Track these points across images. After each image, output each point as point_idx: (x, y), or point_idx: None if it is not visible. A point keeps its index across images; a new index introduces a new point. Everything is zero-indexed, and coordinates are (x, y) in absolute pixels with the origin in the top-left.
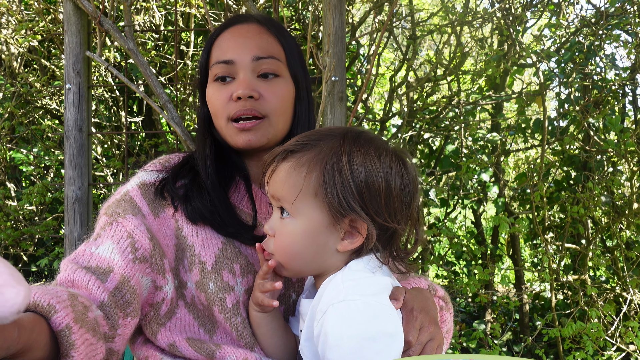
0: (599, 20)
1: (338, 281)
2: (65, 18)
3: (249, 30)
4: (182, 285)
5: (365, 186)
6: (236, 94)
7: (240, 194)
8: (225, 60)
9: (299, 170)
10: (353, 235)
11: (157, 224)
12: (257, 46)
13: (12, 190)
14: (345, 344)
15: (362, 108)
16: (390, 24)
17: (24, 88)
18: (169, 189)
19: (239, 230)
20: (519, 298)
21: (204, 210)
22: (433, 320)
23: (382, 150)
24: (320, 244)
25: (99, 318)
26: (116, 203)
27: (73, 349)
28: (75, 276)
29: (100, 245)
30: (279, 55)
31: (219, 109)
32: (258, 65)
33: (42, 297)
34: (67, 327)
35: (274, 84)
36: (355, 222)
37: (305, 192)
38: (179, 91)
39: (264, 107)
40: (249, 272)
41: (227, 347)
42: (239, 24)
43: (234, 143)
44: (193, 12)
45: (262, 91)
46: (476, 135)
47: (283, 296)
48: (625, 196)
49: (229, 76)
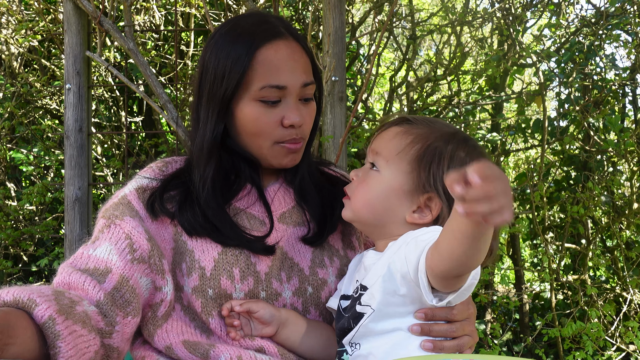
0: (599, 20)
1: (409, 232)
2: (65, 18)
3: (295, 52)
4: (178, 288)
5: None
6: (290, 122)
7: (250, 198)
8: (279, 85)
9: (406, 137)
10: (425, 211)
11: (155, 227)
12: (304, 71)
13: (12, 190)
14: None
15: (362, 108)
16: (390, 24)
17: (24, 88)
18: (159, 204)
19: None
20: (519, 298)
21: (196, 225)
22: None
23: (484, 155)
24: (393, 206)
25: (91, 313)
26: (114, 206)
27: (59, 340)
28: (71, 279)
29: (98, 248)
30: (314, 80)
31: (263, 131)
32: (304, 91)
33: (22, 293)
34: (50, 319)
35: (311, 107)
36: (432, 201)
37: (402, 155)
38: (179, 91)
39: (305, 131)
40: (249, 274)
41: (221, 346)
42: (281, 40)
43: (277, 163)
44: (193, 12)
45: (305, 116)
46: (476, 135)
47: (298, 290)
48: (625, 196)
49: (279, 99)
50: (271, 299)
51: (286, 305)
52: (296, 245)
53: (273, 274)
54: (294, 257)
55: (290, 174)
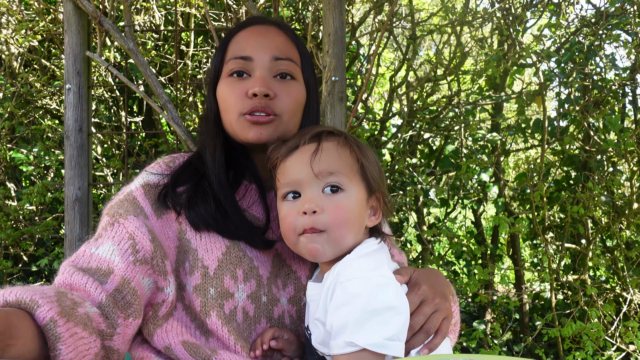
0: (599, 20)
1: (346, 262)
2: (65, 18)
3: (268, 31)
4: (181, 287)
5: (380, 168)
6: (252, 90)
7: (251, 198)
8: (242, 56)
9: (344, 149)
10: (376, 211)
11: (159, 225)
12: (277, 47)
13: (12, 190)
14: (351, 317)
15: (362, 108)
16: (390, 24)
17: (24, 88)
18: (171, 196)
19: (249, 233)
20: (519, 298)
21: (207, 217)
22: (440, 294)
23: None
24: (362, 218)
25: (92, 314)
26: (119, 203)
27: (60, 342)
28: (72, 279)
29: (100, 246)
30: (296, 59)
31: (231, 104)
32: (276, 65)
33: (24, 293)
34: (51, 321)
35: (290, 85)
36: (377, 199)
37: (354, 167)
38: (179, 91)
39: (278, 107)
40: (252, 277)
41: (224, 353)
42: (258, 25)
43: (244, 137)
44: (193, 12)
45: (277, 91)
46: (476, 135)
47: (293, 298)
48: (625, 196)
49: (245, 72)
50: (271, 304)
51: (284, 312)
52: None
53: (272, 279)
54: (292, 265)
55: None
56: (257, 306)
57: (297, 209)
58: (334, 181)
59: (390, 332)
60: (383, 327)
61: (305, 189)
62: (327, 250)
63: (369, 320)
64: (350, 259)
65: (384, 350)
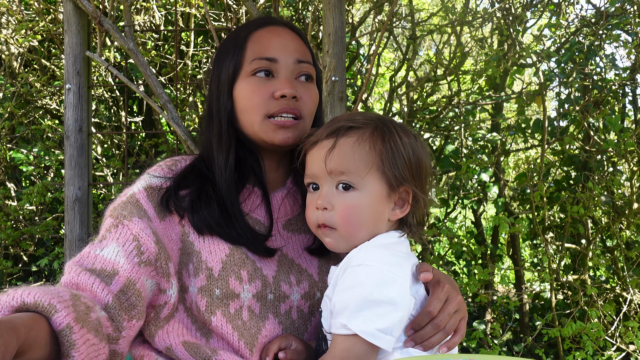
0: (599, 20)
1: (362, 247)
2: (65, 18)
3: (287, 33)
4: (183, 289)
5: (415, 160)
6: (280, 92)
7: (254, 201)
8: (268, 57)
9: (363, 145)
10: (403, 204)
11: (162, 227)
12: (297, 49)
13: (12, 190)
14: (352, 302)
15: (362, 108)
16: (390, 24)
17: (24, 88)
18: (173, 200)
19: (251, 240)
20: (519, 298)
21: (211, 221)
22: (459, 293)
23: (412, 131)
24: (379, 213)
25: (102, 319)
26: (122, 205)
27: (74, 349)
28: (79, 279)
29: (105, 248)
30: (312, 61)
31: (256, 104)
32: (298, 67)
33: (43, 296)
34: (67, 327)
35: (310, 87)
36: (405, 192)
37: (371, 164)
38: (179, 91)
39: (302, 109)
40: (256, 277)
41: (224, 353)
42: (274, 25)
43: (269, 139)
44: (193, 12)
45: (301, 93)
46: (476, 135)
47: (307, 294)
48: (625, 196)
49: (271, 72)
50: (279, 301)
51: (292, 308)
52: (303, 253)
53: (281, 277)
54: (301, 264)
55: (299, 176)
56: (263, 304)
57: (315, 202)
58: (345, 180)
59: (384, 325)
60: (378, 318)
61: (322, 183)
62: (341, 245)
63: (367, 309)
64: (367, 245)
65: (373, 340)
